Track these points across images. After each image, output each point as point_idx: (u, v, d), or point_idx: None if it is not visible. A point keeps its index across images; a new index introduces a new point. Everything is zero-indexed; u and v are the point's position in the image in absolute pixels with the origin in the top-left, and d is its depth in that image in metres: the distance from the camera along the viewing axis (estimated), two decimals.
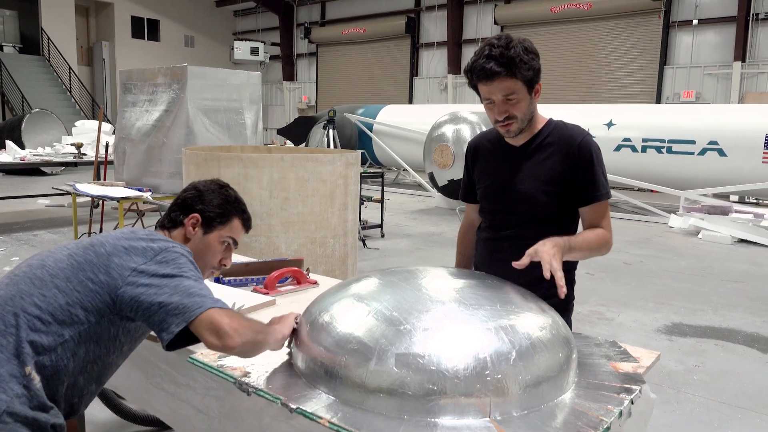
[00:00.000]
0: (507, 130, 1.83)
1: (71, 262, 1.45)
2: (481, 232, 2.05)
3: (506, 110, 1.78)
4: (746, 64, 13.59)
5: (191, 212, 1.67)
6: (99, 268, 1.43)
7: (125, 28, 22.29)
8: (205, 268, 1.69)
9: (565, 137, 1.87)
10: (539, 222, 1.87)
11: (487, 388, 1.27)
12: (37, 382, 1.33)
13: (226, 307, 1.42)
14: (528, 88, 1.78)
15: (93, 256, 1.45)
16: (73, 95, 20.12)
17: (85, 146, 9.80)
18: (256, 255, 4.47)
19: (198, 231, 1.67)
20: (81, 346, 1.41)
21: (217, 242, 1.68)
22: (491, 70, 1.71)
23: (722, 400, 3.48)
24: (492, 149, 1.99)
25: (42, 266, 1.45)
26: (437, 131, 10.20)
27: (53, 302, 1.38)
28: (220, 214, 1.68)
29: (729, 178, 9.32)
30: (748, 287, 5.95)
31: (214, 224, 1.68)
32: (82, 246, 1.50)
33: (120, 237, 1.50)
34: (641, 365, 1.59)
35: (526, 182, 1.87)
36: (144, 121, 6.67)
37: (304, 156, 4.76)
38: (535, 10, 16.45)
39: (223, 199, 1.70)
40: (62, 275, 1.42)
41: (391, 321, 1.38)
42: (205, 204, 1.68)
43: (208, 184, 1.73)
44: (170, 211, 1.71)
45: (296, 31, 22.88)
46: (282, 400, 1.35)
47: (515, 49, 1.70)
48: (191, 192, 1.71)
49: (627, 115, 10.56)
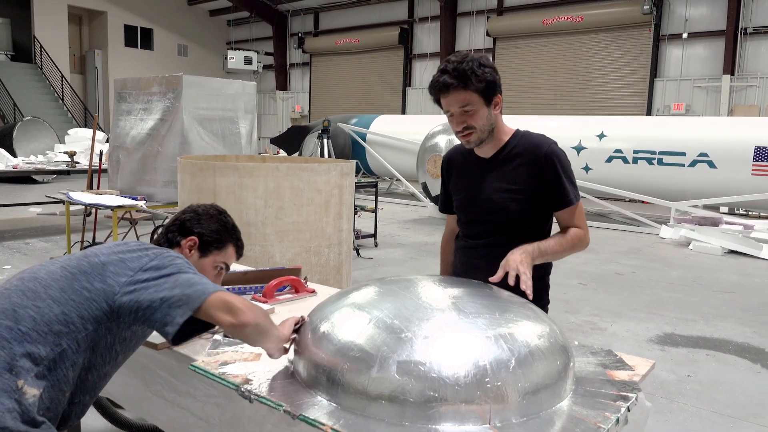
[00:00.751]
0: (467, 141, 1.93)
1: (65, 273, 1.45)
2: (459, 241, 2.15)
3: (464, 121, 1.87)
4: (735, 78, 13.78)
5: (189, 234, 1.70)
6: (94, 276, 1.43)
7: (118, 36, 22.29)
8: None
9: (531, 147, 1.96)
10: (512, 229, 1.97)
11: (487, 395, 1.29)
12: (29, 396, 1.32)
13: (222, 288, 1.45)
14: (485, 100, 1.86)
15: (87, 266, 1.46)
16: (65, 103, 20.05)
17: (78, 154, 9.76)
18: (251, 264, 4.47)
19: (194, 254, 1.70)
20: (79, 355, 1.40)
21: (211, 266, 1.72)
22: (444, 82, 1.83)
23: (714, 409, 3.52)
24: (464, 162, 2.08)
25: (34, 279, 1.45)
26: (430, 141, 10.25)
27: (48, 313, 1.38)
28: (217, 239, 1.72)
29: (719, 190, 9.43)
30: (739, 298, 6.01)
31: (210, 249, 1.72)
32: (75, 258, 1.51)
33: (113, 248, 1.52)
34: (637, 373, 1.62)
35: (496, 192, 1.97)
36: (138, 130, 6.68)
37: (299, 165, 4.78)
38: (528, 23, 16.61)
39: (221, 225, 1.74)
40: (56, 286, 1.42)
41: (392, 329, 1.40)
42: (204, 228, 1.71)
43: (207, 209, 1.76)
44: (167, 231, 1.73)
45: (290, 41, 22.97)
46: (284, 407, 1.37)
47: (468, 64, 1.82)
48: (190, 214, 1.74)
49: (618, 126, 10.67)
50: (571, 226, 1.98)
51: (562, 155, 1.95)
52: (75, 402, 1.46)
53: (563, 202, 1.95)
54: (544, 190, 1.94)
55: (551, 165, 1.92)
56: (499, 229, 1.99)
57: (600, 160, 10.42)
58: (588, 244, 2.03)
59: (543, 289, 2.08)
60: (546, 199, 1.95)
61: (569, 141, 10.42)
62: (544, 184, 1.93)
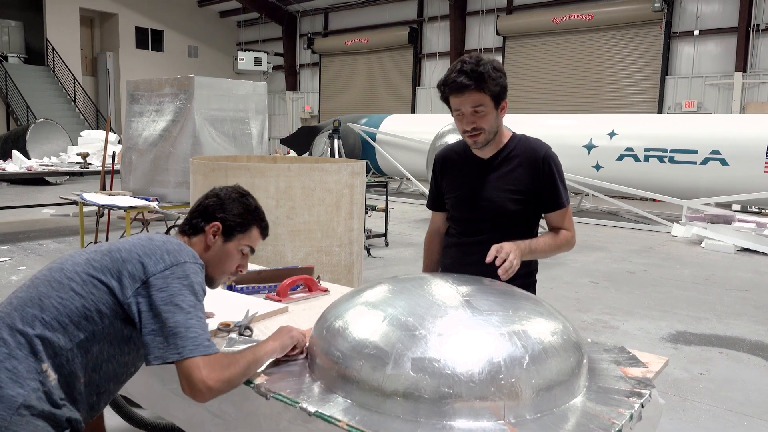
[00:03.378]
0: (474, 141, 2.00)
1: (88, 267, 1.49)
2: (451, 238, 2.22)
3: (474, 121, 1.94)
4: (747, 75, 13.65)
5: (212, 220, 1.69)
6: (112, 273, 1.47)
7: (129, 38, 22.46)
8: (222, 275, 1.73)
9: (529, 150, 2.06)
10: (507, 228, 2.07)
11: (502, 392, 1.31)
12: (52, 379, 1.39)
13: (210, 351, 1.42)
14: (495, 103, 1.95)
15: (109, 262, 1.49)
16: (77, 105, 20.24)
17: (90, 156, 9.86)
18: (263, 263, 4.50)
19: (218, 239, 1.69)
20: (94, 345, 1.46)
21: (235, 250, 1.71)
22: (462, 83, 1.89)
23: (728, 407, 3.50)
24: (460, 161, 2.15)
25: (61, 269, 1.51)
26: (441, 140, 10.24)
27: (69, 305, 1.43)
28: (240, 223, 1.70)
29: (731, 188, 9.35)
30: (752, 296, 5.97)
31: (234, 233, 1.70)
32: (101, 252, 1.54)
33: (136, 244, 1.54)
34: (650, 370, 1.62)
35: (494, 192, 2.05)
36: (151, 131, 6.73)
37: (310, 165, 4.80)
38: (537, 21, 16.55)
39: (244, 208, 1.72)
40: (78, 279, 1.47)
41: (406, 326, 1.42)
42: (227, 213, 1.70)
43: (230, 192, 1.74)
44: (191, 218, 1.72)
45: (299, 42, 23.04)
46: (300, 403, 1.39)
47: (485, 66, 1.89)
48: (213, 199, 1.72)
49: (629, 124, 10.60)
50: (561, 227, 2.10)
51: (558, 160, 2.08)
52: (99, 388, 1.52)
53: (556, 204, 2.07)
54: (539, 191, 2.05)
55: (548, 168, 2.04)
56: (494, 227, 2.08)
57: (611, 158, 10.36)
58: (574, 245, 2.14)
59: (531, 285, 2.19)
60: (540, 200, 2.07)
61: (580, 139, 10.38)
62: (539, 186, 2.04)
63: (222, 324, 1.89)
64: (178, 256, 1.51)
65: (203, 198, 1.75)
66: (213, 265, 1.69)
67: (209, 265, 1.68)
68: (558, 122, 11.10)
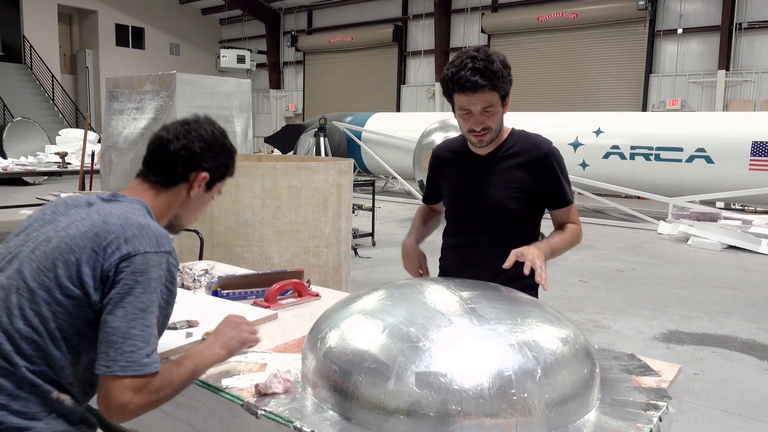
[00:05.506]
0: (480, 140, 1.92)
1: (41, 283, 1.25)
2: (450, 239, 2.14)
3: (483, 121, 1.86)
4: (730, 73, 13.76)
5: (200, 169, 1.47)
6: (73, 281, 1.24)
7: (109, 35, 22.07)
8: (189, 223, 1.55)
9: (530, 146, 1.98)
10: (509, 227, 1.99)
11: (514, 408, 1.21)
12: (68, 401, 1.27)
13: (144, 371, 1.21)
14: (502, 102, 1.88)
15: (63, 270, 1.24)
16: (56, 104, 19.85)
17: (69, 155, 9.62)
18: (248, 265, 4.37)
19: (201, 189, 1.50)
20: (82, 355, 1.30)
21: (210, 198, 1.55)
22: (477, 83, 1.78)
23: (725, 408, 3.45)
24: (457, 158, 2.07)
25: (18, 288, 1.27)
26: (427, 139, 10.16)
27: (41, 329, 1.24)
28: (224, 173, 1.54)
29: (716, 185, 9.39)
30: (741, 294, 5.96)
31: (216, 183, 1.53)
32: (50, 260, 1.26)
33: (86, 233, 1.27)
34: (664, 379, 1.54)
35: (495, 190, 1.96)
36: (131, 129, 6.56)
37: (297, 164, 4.68)
38: (522, 19, 16.54)
39: (230, 158, 1.55)
40: (36, 307, 1.24)
41: (408, 337, 1.31)
42: (216, 162, 1.50)
43: (215, 135, 1.51)
44: (173, 163, 1.44)
45: (283, 39, 22.82)
46: (295, 423, 1.27)
47: (496, 64, 1.80)
48: (199, 144, 1.46)
49: (615, 122, 10.61)
50: (567, 222, 2.02)
51: (560, 156, 2.00)
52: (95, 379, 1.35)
53: (561, 201, 2.00)
54: (542, 189, 1.97)
55: (551, 165, 1.96)
56: (495, 226, 2.00)
57: (597, 156, 10.36)
58: (581, 239, 2.07)
59: (533, 287, 2.05)
60: (544, 197, 1.99)
61: (566, 137, 10.36)
62: (542, 184, 1.96)
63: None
64: (137, 245, 1.27)
65: (185, 138, 1.45)
66: (187, 215, 1.52)
67: (183, 216, 1.51)
68: (544, 120, 11.07)
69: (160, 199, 1.46)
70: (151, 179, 1.47)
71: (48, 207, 1.41)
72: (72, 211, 1.36)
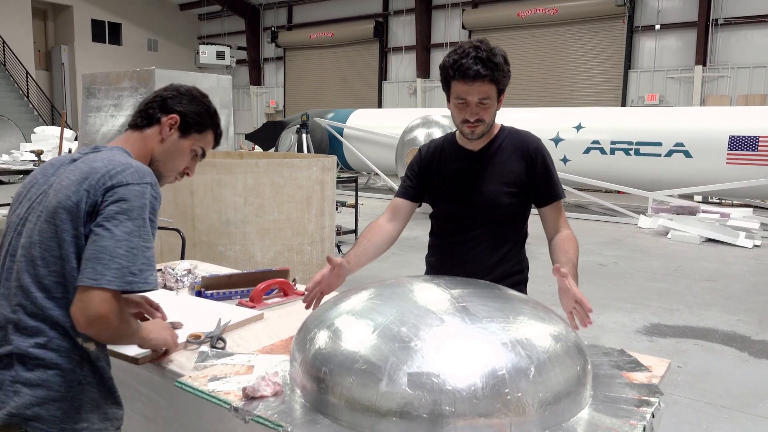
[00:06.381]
0: (473, 131, 1.90)
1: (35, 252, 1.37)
2: (439, 237, 2.11)
3: (478, 113, 1.85)
4: (707, 68, 13.95)
5: (170, 112, 1.58)
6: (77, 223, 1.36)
7: (85, 31, 21.67)
8: (170, 173, 1.63)
9: (520, 142, 1.99)
10: (500, 222, 1.99)
11: (508, 408, 1.19)
12: (92, 347, 1.39)
13: (133, 287, 1.33)
14: (498, 96, 1.88)
15: (65, 214, 1.35)
16: (30, 101, 19.46)
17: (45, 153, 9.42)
18: (231, 264, 4.31)
19: (174, 133, 1.58)
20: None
21: (188, 149, 1.62)
22: (477, 72, 1.78)
23: (708, 400, 3.49)
24: (448, 154, 2.05)
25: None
26: (409, 135, 10.15)
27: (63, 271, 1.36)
28: (198, 122, 1.61)
29: (695, 179, 9.52)
30: (720, 286, 6.04)
31: (191, 131, 1.61)
32: (53, 213, 1.37)
33: (76, 180, 1.38)
34: (655, 375, 1.53)
35: (488, 185, 1.96)
36: (109, 127, 6.44)
37: (280, 161, 4.63)
38: (503, 15, 16.59)
39: (204, 109, 1.63)
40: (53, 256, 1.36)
41: (400, 337, 1.28)
42: (186, 108, 1.59)
43: (190, 89, 1.64)
44: (146, 108, 1.59)
45: (263, 35, 22.61)
46: (285, 427, 1.24)
47: (499, 57, 1.81)
48: (171, 92, 1.61)
49: (596, 118, 10.70)
50: (558, 224, 2.00)
51: (548, 152, 2.01)
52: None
53: (552, 195, 1.98)
54: (533, 184, 1.97)
55: (541, 159, 1.96)
56: (487, 221, 1.99)
57: (578, 151, 10.44)
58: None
59: (522, 283, 2.13)
60: (535, 192, 1.98)
61: (547, 133, 10.41)
62: (533, 179, 1.96)
63: (191, 336, 1.73)
64: (120, 178, 1.38)
65: (161, 90, 1.62)
66: (164, 160, 1.59)
67: (160, 160, 1.59)
68: (525, 116, 11.11)
69: (137, 141, 1.57)
70: (130, 124, 1.62)
71: (38, 171, 1.51)
72: (60, 169, 1.46)
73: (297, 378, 1.39)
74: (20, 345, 1.33)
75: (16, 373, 1.32)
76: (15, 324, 1.35)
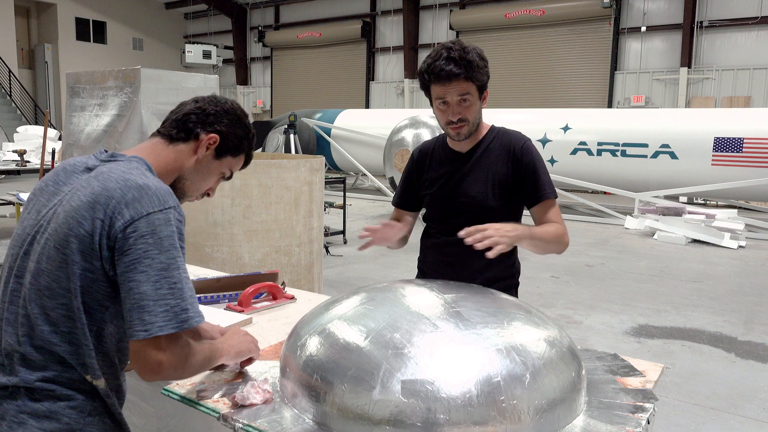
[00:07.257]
0: (458, 132, 1.90)
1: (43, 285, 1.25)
2: (430, 239, 2.11)
3: (460, 112, 1.85)
4: (692, 70, 14.08)
5: (210, 130, 1.45)
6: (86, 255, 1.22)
7: (69, 29, 21.40)
8: (194, 193, 1.50)
9: (507, 143, 1.97)
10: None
11: (503, 416, 1.17)
12: (102, 384, 1.28)
13: (186, 325, 1.21)
14: (480, 94, 1.87)
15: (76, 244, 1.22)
16: (13, 100, 19.17)
17: (28, 153, 9.29)
18: (218, 266, 4.26)
19: (209, 153, 1.46)
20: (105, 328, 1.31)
21: (218, 171, 1.50)
22: (451, 71, 1.79)
23: (696, 401, 3.50)
24: (437, 156, 2.05)
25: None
26: (397, 136, 10.12)
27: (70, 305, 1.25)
28: (237, 145, 1.49)
29: (681, 180, 9.60)
30: (707, 287, 6.09)
31: (226, 153, 1.48)
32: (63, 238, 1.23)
33: (85, 203, 1.23)
34: (649, 380, 1.52)
35: (475, 187, 1.96)
36: (94, 126, 6.34)
37: (267, 162, 4.58)
38: (490, 16, 16.64)
39: (245, 133, 1.51)
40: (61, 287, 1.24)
41: (393, 344, 1.26)
42: (228, 128, 1.47)
43: (234, 108, 1.51)
44: (186, 119, 1.45)
45: (250, 35, 22.49)
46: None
47: (472, 54, 1.81)
48: (214, 107, 1.47)
49: (582, 119, 10.75)
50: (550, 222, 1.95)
51: (536, 151, 1.99)
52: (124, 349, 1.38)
53: (541, 195, 1.94)
54: (520, 184, 1.95)
55: (528, 159, 1.94)
56: (478, 223, 1.91)
57: (565, 152, 10.48)
58: (567, 245, 1.97)
59: (513, 287, 2.09)
60: (522, 192, 1.96)
61: (534, 134, 10.44)
62: (520, 179, 1.94)
63: None
64: (139, 208, 1.23)
65: (203, 102, 1.48)
66: (192, 180, 1.46)
67: (188, 179, 1.45)
68: (513, 117, 11.13)
69: (167, 152, 1.43)
70: (162, 131, 1.47)
71: (49, 176, 1.39)
72: (72, 178, 1.34)
73: (287, 385, 1.36)
74: (27, 378, 1.24)
75: (22, 402, 1.24)
76: (22, 356, 1.25)
